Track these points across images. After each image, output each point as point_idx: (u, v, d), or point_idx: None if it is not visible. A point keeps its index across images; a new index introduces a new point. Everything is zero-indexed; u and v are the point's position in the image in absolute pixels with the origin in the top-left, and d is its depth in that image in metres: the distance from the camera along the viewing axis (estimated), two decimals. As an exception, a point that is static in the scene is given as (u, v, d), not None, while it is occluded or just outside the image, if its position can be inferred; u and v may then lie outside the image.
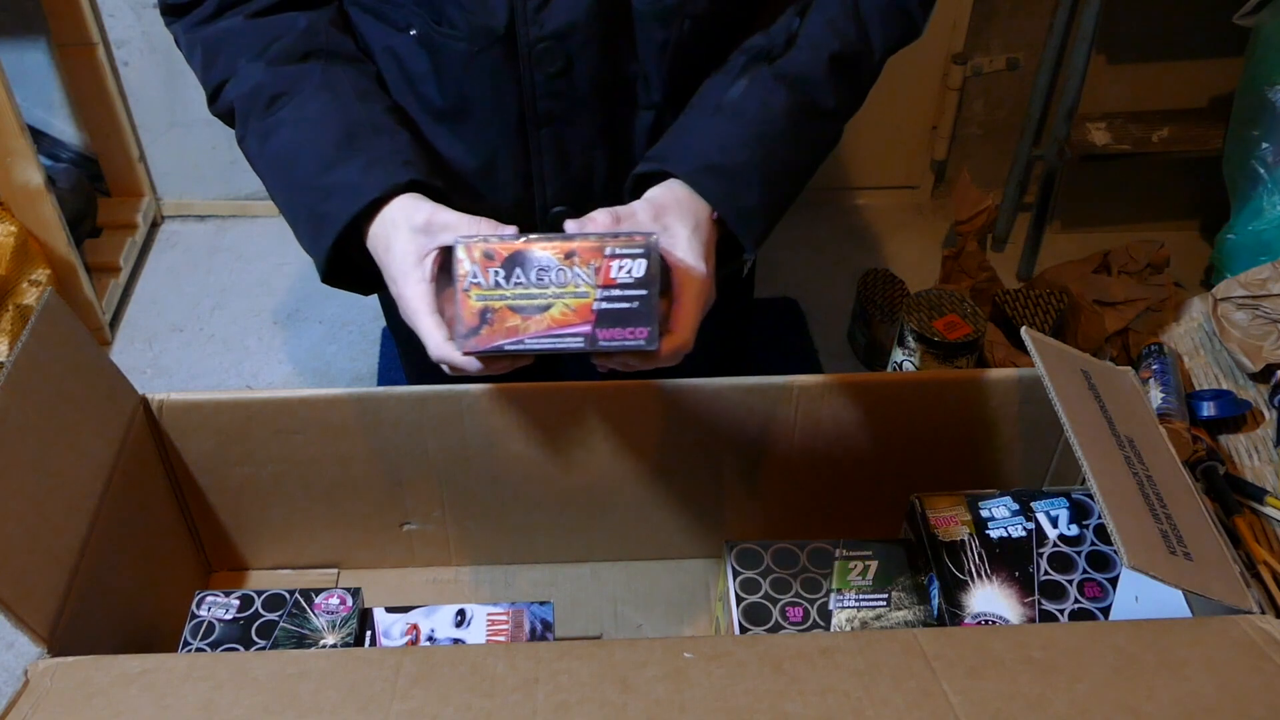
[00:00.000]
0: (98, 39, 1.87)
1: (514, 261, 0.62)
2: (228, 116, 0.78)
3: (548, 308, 0.62)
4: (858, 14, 0.76)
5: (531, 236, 0.63)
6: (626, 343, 0.63)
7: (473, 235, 0.63)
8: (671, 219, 0.69)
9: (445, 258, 0.67)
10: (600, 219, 0.67)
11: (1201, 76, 1.95)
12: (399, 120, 0.77)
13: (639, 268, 0.62)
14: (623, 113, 0.81)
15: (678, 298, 0.66)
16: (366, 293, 0.79)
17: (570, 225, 0.66)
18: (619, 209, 0.68)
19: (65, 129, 2.04)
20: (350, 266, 0.75)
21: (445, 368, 0.67)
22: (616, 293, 0.62)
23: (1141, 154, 1.88)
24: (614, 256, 0.62)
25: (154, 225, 2.12)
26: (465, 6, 0.74)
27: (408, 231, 0.68)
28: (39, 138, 1.99)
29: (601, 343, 0.63)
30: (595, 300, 0.62)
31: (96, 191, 2.04)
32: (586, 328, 0.63)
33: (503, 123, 0.80)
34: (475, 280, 0.62)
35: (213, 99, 0.78)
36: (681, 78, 0.78)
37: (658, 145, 0.75)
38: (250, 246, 2.08)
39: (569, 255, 0.62)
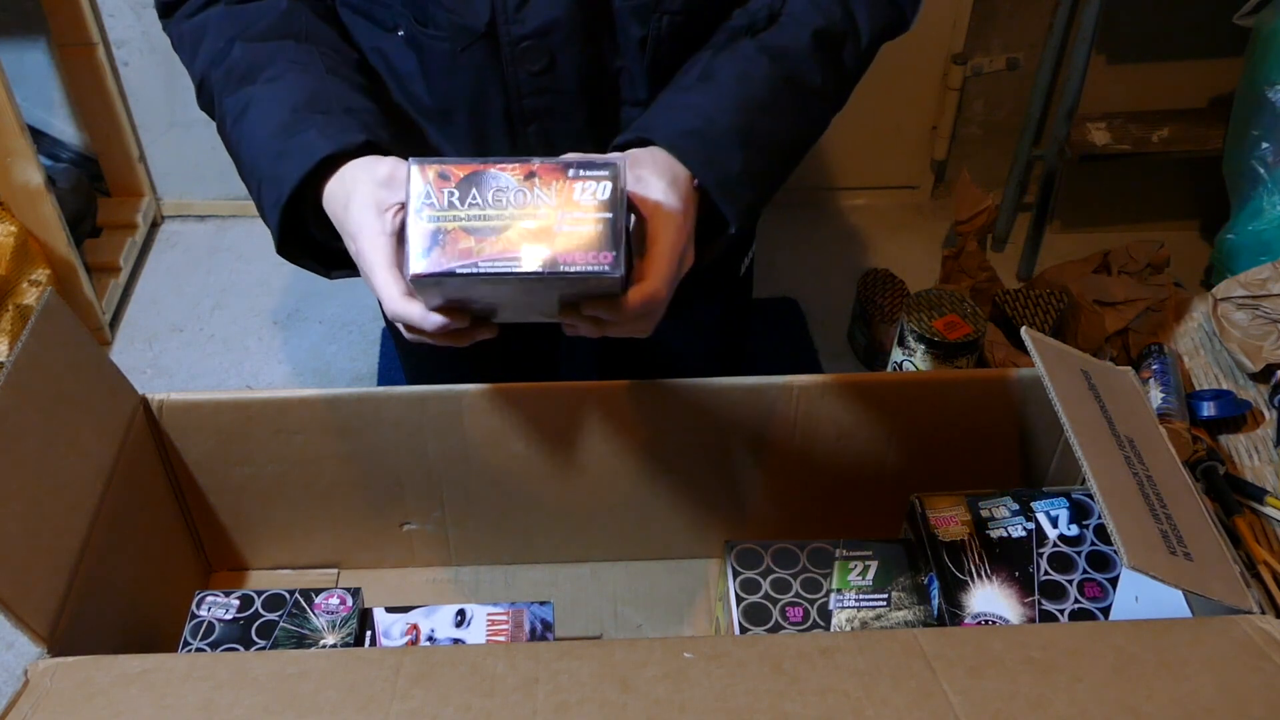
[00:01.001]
0: (98, 39, 1.87)
1: (470, 182, 0.58)
2: (207, 104, 0.78)
3: (504, 230, 0.58)
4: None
5: (491, 159, 0.58)
6: (588, 268, 0.58)
7: (427, 158, 0.59)
8: (646, 171, 0.66)
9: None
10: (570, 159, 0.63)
11: (1201, 76, 1.95)
12: (369, 96, 0.75)
13: (603, 190, 0.58)
14: (609, 109, 0.81)
15: (651, 245, 0.63)
16: (326, 272, 0.76)
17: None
18: (591, 155, 0.64)
19: (65, 129, 2.04)
20: (308, 240, 0.73)
21: (401, 328, 0.65)
22: (579, 215, 0.58)
23: (1141, 154, 1.88)
24: (577, 178, 0.58)
25: (154, 225, 2.12)
26: (447, 6, 0.74)
27: (368, 185, 0.65)
28: (39, 138, 1.99)
29: (561, 267, 0.58)
30: (556, 223, 0.58)
31: (96, 191, 2.04)
32: (545, 251, 0.58)
33: (490, 121, 0.80)
34: (428, 201, 0.58)
35: (199, 90, 0.78)
36: (663, 74, 0.78)
37: (640, 119, 0.74)
38: (250, 246, 2.08)
39: (529, 176, 0.58)
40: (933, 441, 0.87)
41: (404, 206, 0.61)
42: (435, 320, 0.62)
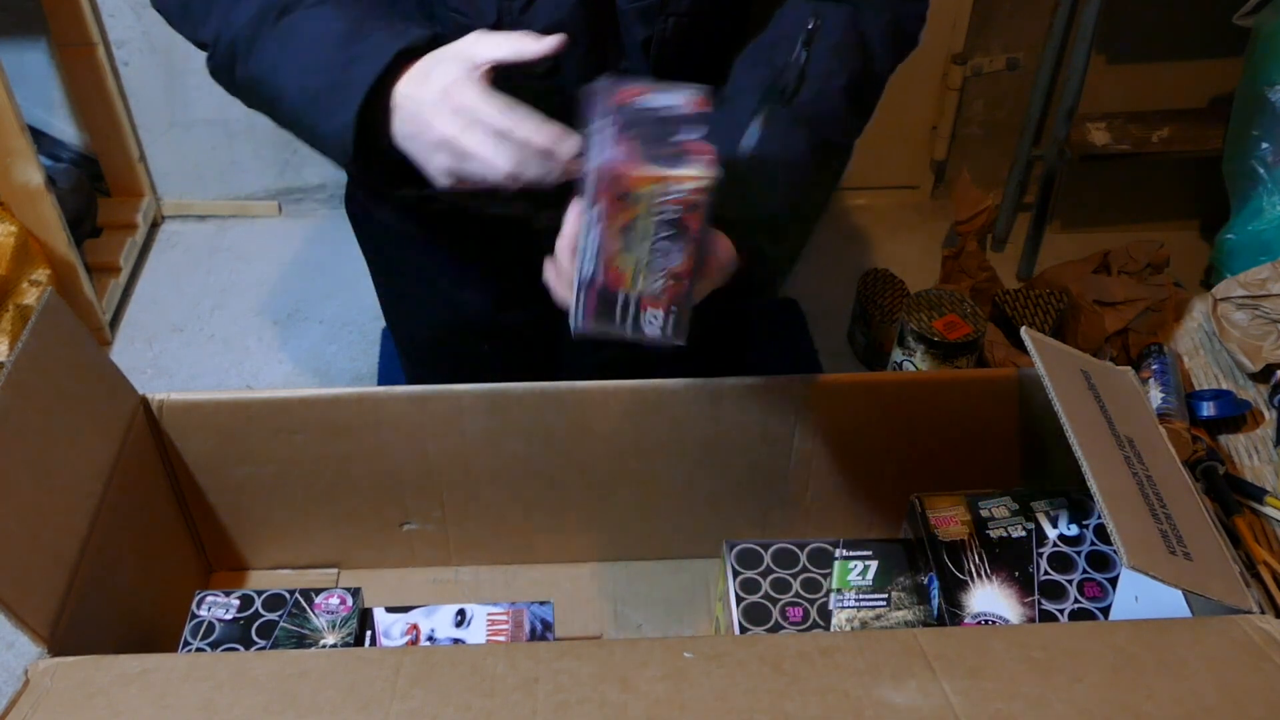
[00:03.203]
0: (98, 39, 1.87)
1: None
2: (229, 58, 0.76)
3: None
4: (862, 38, 0.76)
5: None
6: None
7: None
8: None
9: (494, 75, 0.68)
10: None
11: (1201, 76, 1.95)
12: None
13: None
14: None
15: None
16: (394, 185, 0.76)
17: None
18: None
19: (65, 129, 2.04)
20: (376, 151, 0.73)
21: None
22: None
23: (1141, 154, 1.88)
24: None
25: (154, 225, 2.12)
26: (453, 6, 0.74)
27: (452, 54, 0.67)
28: (39, 138, 1.99)
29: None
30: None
31: (96, 191, 2.04)
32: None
33: None
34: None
35: (214, 49, 0.76)
36: (667, 76, 0.78)
37: None
38: (250, 246, 2.08)
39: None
40: (933, 441, 0.87)
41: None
42: (547, 136, 0.66)
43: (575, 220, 0.67)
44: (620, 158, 0.61)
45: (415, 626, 0.75)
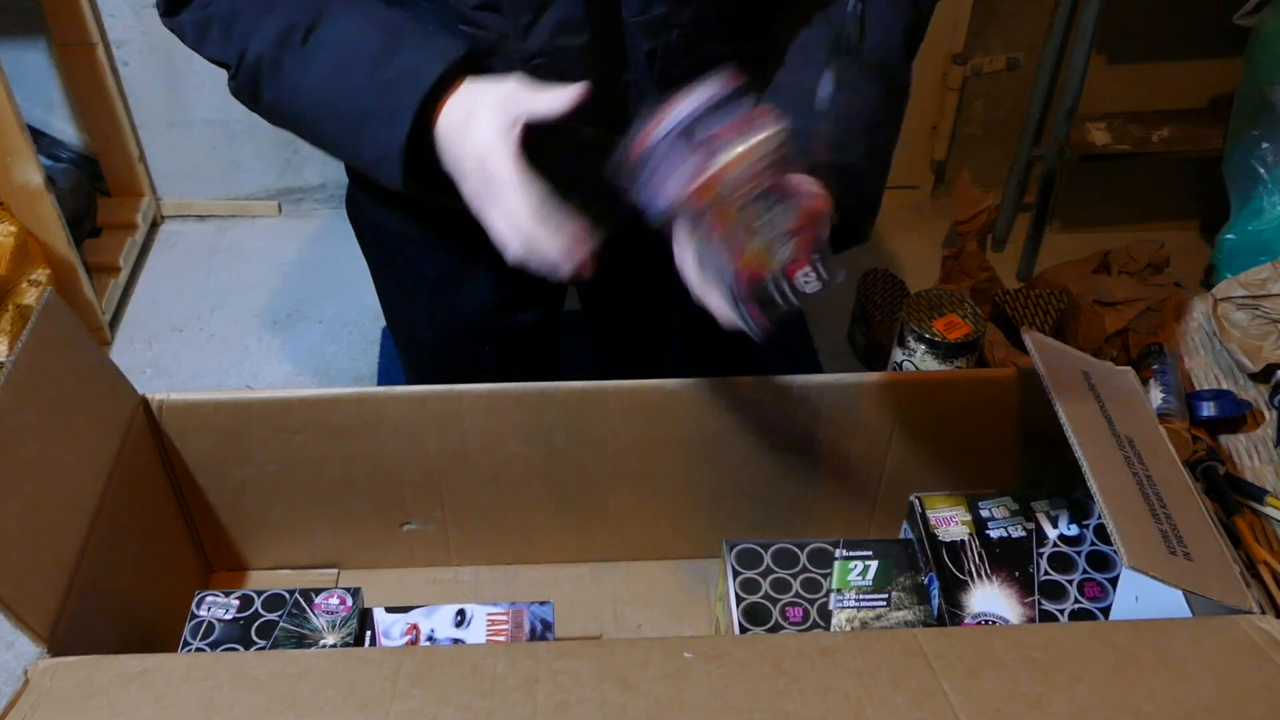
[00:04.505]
0: (98, 39, 1.87)
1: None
2: (252, 81, 0.75)
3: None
4: None
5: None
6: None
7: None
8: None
9: (528, 134, 0.68)
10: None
11: (1201, 76, 1.95)
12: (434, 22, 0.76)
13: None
14: (617, 121, 0.81)
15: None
16: (449, 200, 0.76)
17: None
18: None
19: (65, 129, 2.04)
20: (427, 169, 0.73)
21: (516, 248, 0.67)
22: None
23: (1141, 154, 1.88)
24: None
25: (154, 225, 2.12)
26: (468, 19, 0.74)
27: (491, 104, 0.67)
28: (39, 138, 1.99)
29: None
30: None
31: (96, 191, 2.04)
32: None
33: None
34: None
35: (235, 70, 0.76)
36: (673, 85, 0.78)
37: None
38: (250, 246, 2.08)
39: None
40: (933, 441, 0.87)
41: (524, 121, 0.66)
42: (559, 245, 0.66)
43: (684, 240, 0.67)
44: (689, 171, 0.61)
45: (415, 626, 0.75)
